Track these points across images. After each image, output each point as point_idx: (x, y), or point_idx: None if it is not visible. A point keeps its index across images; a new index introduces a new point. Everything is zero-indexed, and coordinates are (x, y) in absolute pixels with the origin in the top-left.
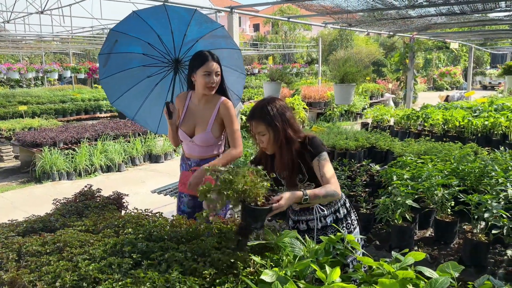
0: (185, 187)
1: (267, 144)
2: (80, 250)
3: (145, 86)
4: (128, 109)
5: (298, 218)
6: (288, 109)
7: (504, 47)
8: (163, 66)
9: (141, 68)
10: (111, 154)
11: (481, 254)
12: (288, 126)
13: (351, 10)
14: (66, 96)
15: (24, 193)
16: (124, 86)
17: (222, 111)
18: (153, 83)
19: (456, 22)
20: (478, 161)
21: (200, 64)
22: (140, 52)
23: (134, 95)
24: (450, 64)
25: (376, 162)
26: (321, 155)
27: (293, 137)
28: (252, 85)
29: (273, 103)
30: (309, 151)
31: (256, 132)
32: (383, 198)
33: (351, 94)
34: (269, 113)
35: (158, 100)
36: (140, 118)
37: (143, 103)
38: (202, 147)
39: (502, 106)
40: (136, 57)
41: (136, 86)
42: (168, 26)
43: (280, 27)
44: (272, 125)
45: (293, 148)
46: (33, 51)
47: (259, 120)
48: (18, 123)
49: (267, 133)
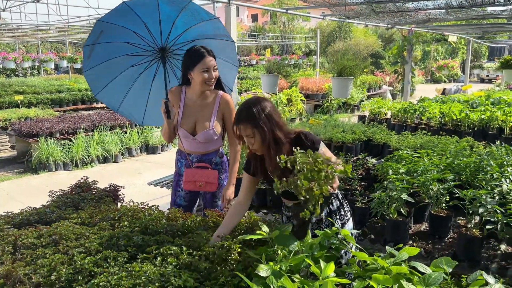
0: (191, 184)
1: (256, 146)
2: (76, 243)
3: (129, 76)
4: (112, 100)
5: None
6: (274, 109)
7: (502, 40)
8: (148, 55)
9: (125, 57)
10: (108, 145)
11: (475, 249)
12: (275, 127)
13: (349, 2)
14: (62, 86)
15: (20, 183)
16: (107, 77)
17: (223, 106)
18: (137, 73)
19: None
20: (474, 156)
21: (197, 61)
22: (125, 41)
23: (118, 86)
24: (448, 56)
25: (373, 155)
26: (321, 145)
27: (281, 137)
28: (250, 76)
29: (258, 104)
30: (308, 146)
31: (244, 135)
32: (379, 192)
33: (349, 88)
34: (255, 115)
35: (142, 91)
36: (124, 110)
37: (127, 94)
38: (204, 144)
39: (499, 100)
40: (121, 47)
41: (119, 77)
42: (156, 14)
43: (278, 18)
44: (259, 127)
45: (282, 148)
46: (29, 40)
47: (245, 123)
48: (14, 113)
49: (255, 135)
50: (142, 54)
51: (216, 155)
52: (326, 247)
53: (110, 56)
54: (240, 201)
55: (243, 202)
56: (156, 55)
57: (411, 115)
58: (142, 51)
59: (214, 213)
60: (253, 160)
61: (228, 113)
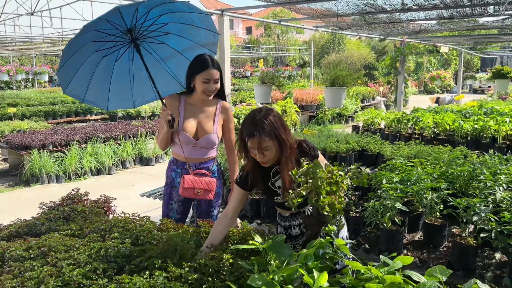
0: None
1: (268, 157)
2: (65, 255)
3: (91, 63)
4: (77, 91)
5: (290, 224)
6: (282, 118)
7: (494, 51)
8: (116, 43)
9: (95, 54)
10: (101, 157)
11: (470, 258)
12: (289, 135)
13: (342, 13)
14: (56, 98)
15: (12, 196)
16: (72, 69)
17: (224, 113)
18: (100, 57)
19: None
20: (467, 165)
21: (200, 70)
22: (90, 41)
23: (82, 75)
24: (441, 67)
25: (367, 165)
26: (319, 154)
27: (293, 146)
28: (245, 88)
29: (271, 114)
30: (308, 154)
31: (261, 147)
32: (373, 202)
33: (342, 98)
34: (273, 126)
35: (105, 75)
36: (90, 97)
37: (90, 81)
38: (205, 150)
39: (491, 110)
40: (87, 48)
41: (83, 65)
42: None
43: (272, 30)
44: (279, 138)
45: (293, 157)
46: (23, 53)
47: (264, 136)
48: (7, 125)
49: (273, 147)
50: (110, 46)
51: (213, 162)
52: (320, 257)
53: (81, 61)
54: (227, 214)
55: (230, 216)
56: (124, 39)
57: (405, 125)
58: (110, 41)
59: (207, 224)
60: (252, 173)
61: (228, 120)
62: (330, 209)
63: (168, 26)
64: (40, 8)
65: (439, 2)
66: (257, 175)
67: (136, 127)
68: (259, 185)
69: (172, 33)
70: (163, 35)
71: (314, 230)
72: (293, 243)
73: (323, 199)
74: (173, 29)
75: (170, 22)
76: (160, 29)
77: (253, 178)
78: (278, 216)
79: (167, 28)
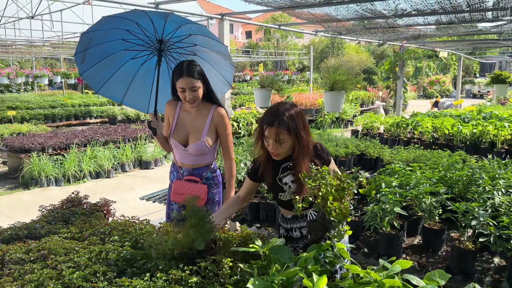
0: (179, 197)
1: (282, 151)
2: (65, 258)
3: (130, 69)
4: (115, 94)
5: (291, 226)
6: (304, 116)
7: (493, 56)
8: (147, 48)
9: (123, 52)
10: (101, 160)
11: (469, 262)
12: (308, 135)
13: (341, 18)
14: (56, 102)
15: (11, 199)
16: (107, 73)
17: (217, 120)
18: (138, 64)
19: (444, 33)
20: (466, 169)
21: (176, 78)
22: (119, 38)
23: (120, 79)
24: (440, 72)
25: (366, 169)
26: (332, 160)
27: (310, 146)
28: (244, 92)
29: (294, 109)
30: (322, 158)
31: (278, 138)
32: (372, 206)
33: (341, 102)
34: (293, 120)
35: (145, 80)
36: (129, 101)
37: (130, 85)
38: (196, 156)
39: (490, 115)
40: (116, 44)
41: (120, 70)
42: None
43: (272, 35)
44: (297, 134)
45: (308, 157)
46: (23, 56)
47: (283, 128)
48: (7, 128)
49: (289, 141)
50: (140, 48)
51: (207, 169)
52: (320, 261)
53: (107, 54)
54: (240, 196)
55: (241, 198)
56: (154, 48)
57: (404, 129)
58: (140, 45)
59: None
60: (263, 165)
61: (222, 127)
62: (336, 214)
63: (195, 43)
64: (40, 12)
65: (438, 8)
66: (268, 168)
67: (135, 130)
68: (267, 178)
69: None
70: (192, 46)
71: (318, 235)
72: (293, 245)
73: (330, 204)
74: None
75: (198, 44)
76: (189, 43)
77: (264, 170)
78: (281, 218)
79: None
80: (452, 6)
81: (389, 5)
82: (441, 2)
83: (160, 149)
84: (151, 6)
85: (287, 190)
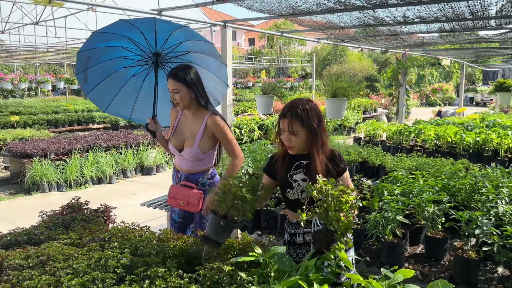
0: (174, 202)
1: (296, 143)
2: (64, 264)
3: (133, 85)
4: (122, 111)
5: (295, 231)
6: (320, 112)
7: (496, 65)
8: (145, 63)
9: (124, 69)
10: (103, 165)
11: (472, 271)
12: (322, 130)
13: (344, 26)
14: (59, 107)
15: (12, 204)
16: (111, 92)
17: (211, 127)
18: (140, 80)
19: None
20: (469, 177)
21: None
22: (118, 56)
23: (124, 96)
24: (443, 80)
25: (368, 176)
26: (347, 171)
27: (326, 143)
28: (247, 98)
29: (309, 104)
30: (337, 165)
31: (290, 130)
32: (374, 214)
33: (343, 109)
34: (307, 113)
35: (149, 94)
36: (137, 116)
37: (136, 102)
38: (191, 162)
39: (493, 123)
40: (115, 62)
41: (124, 88)
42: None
43: (275, 42)
44: (310, 127)
45: (324, 154)
46: (27, 61)
47: (295, 119)
48: (9, 133)
49: (301, 134)
50: (140, 64)
51: (203, 175)
52: (321, 269)
53: (109, 73)
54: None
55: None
56: (152, 62)
57: (406, 137)
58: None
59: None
60: (280, 161)
61: (218, 132)
62: (337, 225)
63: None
64: (45, 18)
65: (441, 15)
66: (283, 164)
67: (137, 136)
68: (280, 172)
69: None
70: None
71: (322, 246)
72: (296, 251)
73: (331, 214)
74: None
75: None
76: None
77: (278, 166)
78: (286, 222)
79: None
80: (455, 14)
81: (391, 13)
82: (444, 10)
83: (162, 155)
84: (154, 13)
85: (295, 188)
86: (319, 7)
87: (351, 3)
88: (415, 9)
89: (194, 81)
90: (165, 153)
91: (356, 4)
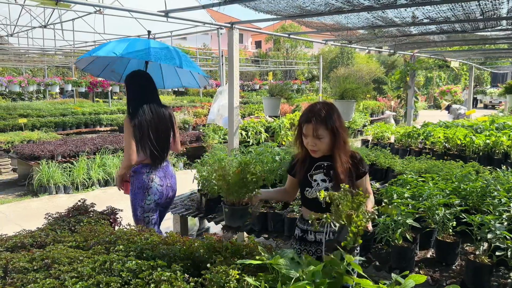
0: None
1: (320, 147)
2: (68, 268)
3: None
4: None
5: (308, 228)
6: (340, 113)
7: (505, 66)
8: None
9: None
10: (109, 168)
11: (484, 277)
12: (344, 131)
13: (351, 27)
14: (67, 110)
15: (19, 206)
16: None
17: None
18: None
19: (456, 40)
20: (480, 180)
21: None
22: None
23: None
24: (451, 82)
25: (377, 179)
26: (367, 175)
27: (348, 144)
28: (253, 101)
29: (330, 107)
30: (358, 169)
31: (314, 134)
32: (383, 217)
33: (351, 111)
34: (330, 116)
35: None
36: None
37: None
38: None
39: (503, 125)
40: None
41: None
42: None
43: (281, 45)
44: (334, 130)
45: (346, 155)
46: (35, 64)
47: (320, 123)
48: (17, 135)
49: (327, 137)
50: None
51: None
52: (329, 274)
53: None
54: (286, 188)
55: (286, 189)
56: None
57: (415, 139)
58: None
59: (212, 237)
60: (300, 162)
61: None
62: (347, 222)
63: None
64: (53, 21)
65: (451, 15)
66: (304, 165)
67: None
68: (300, 172)
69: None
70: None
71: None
72: (306, 248)
73: (341, 208)
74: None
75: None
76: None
77: (299, 167)
78: (299, 219)
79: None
80: (465, 13)
81: (400, 13)
82: (454, 9)
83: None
84: (161, 15)
85: (314, 187)
86: (327, 7)
87: (359, 3)
88: (424, 9)
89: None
90: (172, 154)
91: (365, 4)
